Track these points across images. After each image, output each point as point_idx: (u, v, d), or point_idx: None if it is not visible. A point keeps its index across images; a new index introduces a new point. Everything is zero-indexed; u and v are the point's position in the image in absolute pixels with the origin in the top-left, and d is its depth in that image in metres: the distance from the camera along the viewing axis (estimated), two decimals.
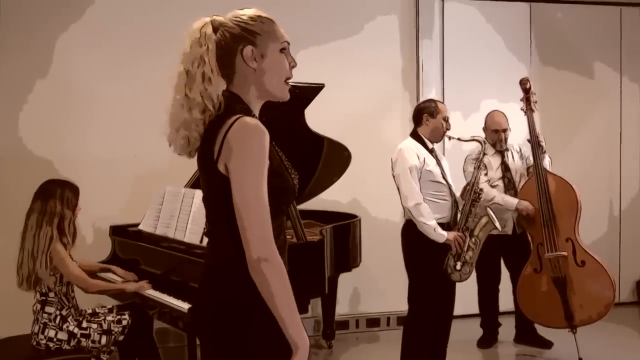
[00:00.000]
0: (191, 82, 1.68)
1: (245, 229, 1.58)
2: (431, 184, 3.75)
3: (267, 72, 1.74)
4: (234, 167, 1.60)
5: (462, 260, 3.75)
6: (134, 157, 4.71)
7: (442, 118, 3.88)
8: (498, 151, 4.56)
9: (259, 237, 1.57)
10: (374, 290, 5.29)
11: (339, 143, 4.11)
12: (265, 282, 1.57)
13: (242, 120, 1.62)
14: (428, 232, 3.68)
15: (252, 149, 1.59)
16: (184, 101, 1.69)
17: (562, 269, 4.15)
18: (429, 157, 3.80)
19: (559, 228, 4.19)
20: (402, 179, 3.73)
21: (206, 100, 1.68)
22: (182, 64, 1.72)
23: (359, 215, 4.37)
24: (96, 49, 4.67)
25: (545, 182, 4.25)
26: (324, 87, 3.67)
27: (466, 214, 3.80)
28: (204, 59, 1.68)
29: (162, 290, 3.39)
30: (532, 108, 4.36)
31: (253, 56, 1.72)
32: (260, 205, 1.58)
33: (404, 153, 3.76)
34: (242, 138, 1.60)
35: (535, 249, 4.27)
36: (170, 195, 3.78)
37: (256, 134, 1.60)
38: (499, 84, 5.45)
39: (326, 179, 4.32)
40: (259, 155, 1.59)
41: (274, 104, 1.81)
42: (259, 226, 1.57)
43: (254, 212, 1.57)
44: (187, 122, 1.69)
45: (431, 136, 3.89)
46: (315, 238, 3.61)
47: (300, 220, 3.45)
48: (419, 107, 4.00)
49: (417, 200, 3.67)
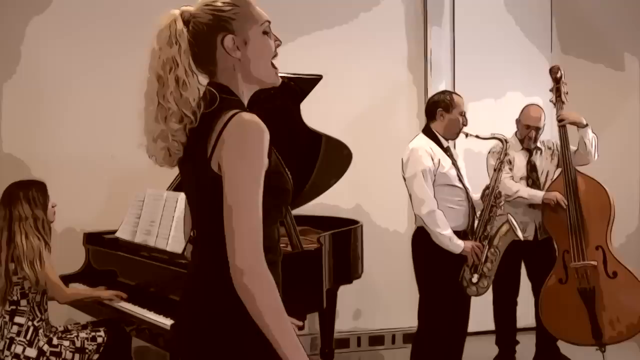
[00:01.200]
0: (164, 89, 1.65)
1: (232, 234, 1.55)
2: (446, 188, 3.75)
3: (253, 59, 1.73)
4: (228, 165, 1.58)
5: (480, 273, 3.75)
6: (111, 157, 4.70)
7: (459, 113, 3.87)
8: (525, 148, 4.54)
9: (247, 245, 1.54)
10: (377, 305, 5.29)
11: (338, 141, 4.11)
12: (252, 298, 1.54)
13: (240, 116, 1.61)
14: (443, 243, 3.69)
15: (251, 147, 1.58)
16: (158, 111, 1.66)
17: (591, 280, 4.15)
18: (444, 157, 3.80)
19: (589, 234, 4.18)
20: (414, 183, 3.72)
21: (183, 108, 1.64)
22: (151, 69, 1.68)
23: (361, 221, 4.36)
24: (69, 39, 4.67)
25: (575, 182, 4.25)
26: (321, 78, 3.66)
27: (485, 221, 3.80)
28: (176, 60, 1.64)
29: (142, 304, 3.39)
30: (563, 100, 4.36)
31: (235, 45, 1.70)
32: (253, 210, 1.56)
33: (416, 153, 3.75)
34: (240, 135, 1.58)
35: (561, 257, 4.26)
36: (151, 199, 3.78)
37: (256, 132, 1.59)
38: (517, 75, 5.46)
39: (324, 180, 4.31)
40: (258, 155, 1.58)
41: (265, 96, 1.82)
42: (248, 233, 1.55)
43: (245, 217, 1.55)
44: (164, 133, 1.67)
45: (446, 133, 3.88)
46: (311, 246, 3.60)
47: (295, 226, 3.43)
48: (432, 99, 3.99)
49: (431, 207, 3.67)
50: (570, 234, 4.20)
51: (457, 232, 3.74)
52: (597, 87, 5.69)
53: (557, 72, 4.40)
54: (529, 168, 4.51)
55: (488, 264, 3.75)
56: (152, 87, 1.67)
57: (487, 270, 3.75)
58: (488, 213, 3.80)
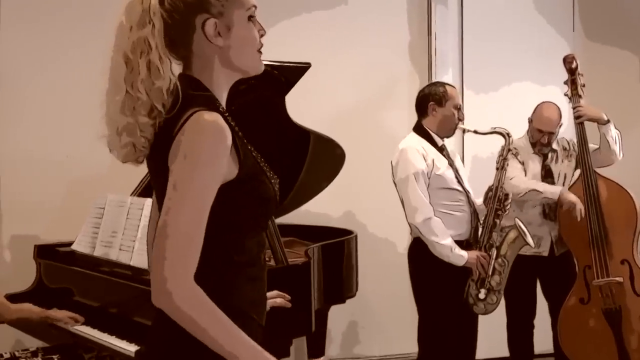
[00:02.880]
0: (133, 75, 1.63)
1: (160, 247, 1.56)
2: (443, 192, 3.77)
3: (236, 47, 1.73)
4: (172, 170, 1.59)
5: (487, 287, 3.77)
6: (66, 158, 4.69)
7: (453, 106, 3.90)
8: (539, 152, 4.51)
9: (174, 261, 1.54)
10: (374, 327, 5.30)
11: (329, 139, 4.11)
12: (189, 322, 1.55)
13: (197, 116, 1.60)
14: (443, 254, 3.70)
15: (199, 152, 1.57)
16: (125, 101, 1.64)
17: (617, 299, 4.15)
18: (439, 157, 3.83)
19: (613, 247, 4.18)
20: (406, 189, 3.74)
21: (154, 99, 1.63)
22: (117, 49, 1.65)
23: (355, 231, 4.36)
24: (21, 28, 4.66)
25: (595, 187, 4.24)
26: (309, 67, 3.66)
27: (489, 228, 3.82)
28: (149, 42, 1.62)
29: (102, 327, 3.37)
30: (579, 93, 4.34)
31: (217, 30, 1.70)
32: (189, 223, 1.56)
33: (406, 155, 3.78)
34: (190, 138, 1.58)
35: (582, 274, 4.26)
36: (113, 206, 3.77)
37: (209, 134, 1.58)
38: (534, 64, 5.48)
39: (313, 184, 4.32)
40: (208, 162, 1.58)
41: (245, 87, 1.82)
42: (178, 248, 1.55)
43: (180, 230, 1.55)
44: (130, 126, 1.65)
45: (440, 130, 3.91)
46: (298, 260, 3.60)
47: (279, 237, 3.44)
48: (422, 93, 4.03)
49: (426, 215, 3.69)
50: (591, 246, 4.19)
51: (458, 241, 3.76)
52: (625, 78, 5.72)
53: (571, 61, 4.36)
54: (544, 173, 4.49)
55: (496, 276, 3.77)
56: (118, 71, 1.65)
57: (495, 284, 3.77)
58: (493, 218, 3.82)
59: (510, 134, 4.00)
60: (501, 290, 3.80)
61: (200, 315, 1.55)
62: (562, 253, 4.47)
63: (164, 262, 1.54)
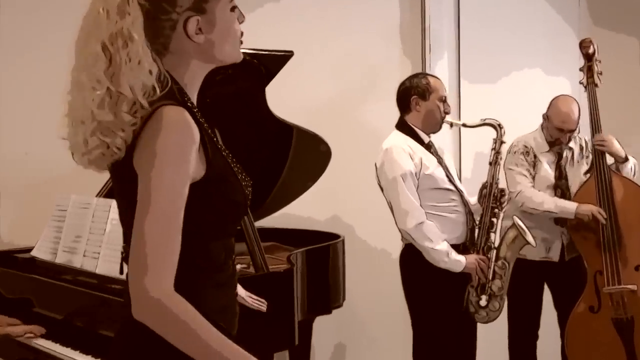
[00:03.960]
0: (114, 68, 1.64)
1: (134, 254, 1.59)
2: (434, 193, 3.80)
3: (218, 42, 1.76)
4: (139, 170, 1.62)
5: (488, 293, 3.79)
6: (25, 155, 4.67)
7: (438, 98, 3.91)
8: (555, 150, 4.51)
9: (154, 270, 1.57)
10: (363, 340, 5.30)
11: (313, 134, 4.11)
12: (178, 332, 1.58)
13: (161, 111, 1.62)
14: (439, 260, 3.73)
15: (165, 148, 1.59)
16: (105, 97, 1.64)
17: (629, 308, 4.18)
18: (427, 155, 3.85)
19: (627, 251, 4.20)
20: (394, 192, 3.76)
21: (138, 94, 1.64)
22: (92, 38, 1.66)
23: (342, 235, 4.37)
24: None
25: (609, 186, 4.25)
26: (292, 55, 3.65)
27: (486, 228, 3.84)
28: (131, 34, 1.64)
29: (65, 341, 3.36)
30: (596, 81, 4.35)
31: (198, 26, 1.72)
32: (163, 226, 1.59)
33: (392, 155, 3.80)
34: (155, 135, 1.60)
35: (592, 280, 4.27)
36: (77, 208, 3.76)
37: (174, 130, 1.61)
38: (537, 51, 5.52)
39: (296, 184, 4.33)
40: (176, 160, 1.60)
41: (222, 77, 1.83)
42: (158, 255, 1.57)
43: (153, 234, 1.58)
44: (108, 125, 1.65)
45: (425, 125, 3.93)
46: (280, 267, 3.61)
47: (259, 242, 3.45)
48: (403, 86, 4.03)
49: (417, 219, 3.71)
50: (603, 250, 4.21)
51: (454, 245, 3.78)
52: (635, 68, 5.75)
53: (588, 46, 4.37)
54: (557, 175, 4.50)
55: (497, 281, 3.80)
56: (97, 64, 1.64)
57: (496, 289, 3.79)
58: (489, 217, 3.85)
59: (502, 125, 4.01)
60: (503, 295, 3.81)
61: (187, 322, 1.57)
62: (573, 258, 4.48)
63: (144, 271, 1.56)
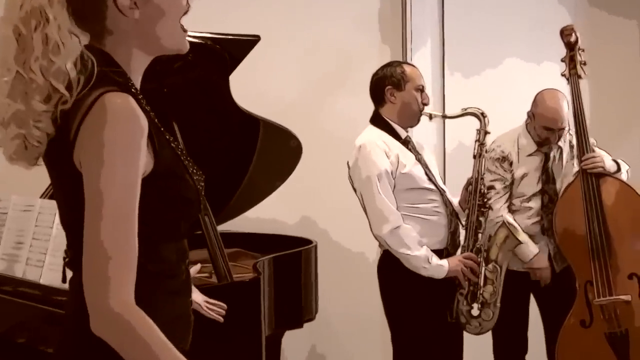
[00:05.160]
0: (26, 53, 1.63)
1: (90, 263, 1.59)
2: (412, 194, 3.80)
3: (156, 19, 1.75)
4: (84, 167, 1.61)
5: (480, 300, 3.79)
6: None
7: (415, 88, 3.91)
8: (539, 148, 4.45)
9: (111, 280, 1.57)
10: (338, 356, 5.30)
11: (282, 128, 4.12)
12: (142, 345, 1.59)
13: (105, 98, 1.61)
14: (419, 268, 3.73)
15: (114, 140, 1.59)
16: (14, 83, 1.64)
17: (623, 321, 4.13)
18: (405, 152, 3.85)
19: (618, 258, 4.14)
20: (368, 194, 3.76)
21: (53, 80, 1.63)
22: (5, 22, 1.65)
23: (315, 241, 4.38)
24: None
25: (597, 186, 4.20)
26: (258, 40, 3.66)
27: (474, 229, 3.85)
28: (45, 13, 1.61)
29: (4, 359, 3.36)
30: (579, 72, 4.30)
31: (133, 1, 1.71)
32: (120, 229, 1.59)
33: (365, 152, 3.80)
34: (100, 124, 1.59)
35: (583, 291, 4.22)
36: (18, 210, 3.73)
37: (122, 119, 1.60)
38: (528, 36, 5.54)
39: (263, 183, 4.33)
40: (125, 152, 1.60)
41: (181, 65, 1.82)
42: (112, 263, 1.58)
43: (109, 239, 1.58)
44: (21, 115, 1.65)
45: (401, 119, 3.93)
46: (245, 276, 3.62)
47: (222, 248, 3.45)
48: (376, 76, 4.02)
49: (393, 224, 3.71)
50: (592, 258, 4.15)
51: (436, 251, 3.78)
52: (636, 55, 5.79)
53: (570, 34, 4.31)
54: (544, 178, 4.45)
55: (488, 286, 3.80)
56: (8, 48, 1.64)
57: (488, 296, 3.80)
58: (476, 216, 3.86)
59: (485, 113, 4.01)
60: (497, 302, 3.81)
61: (144, 338, 1.59)
62: (564, 269, 4.44)
63: (102, 283, 1.57)
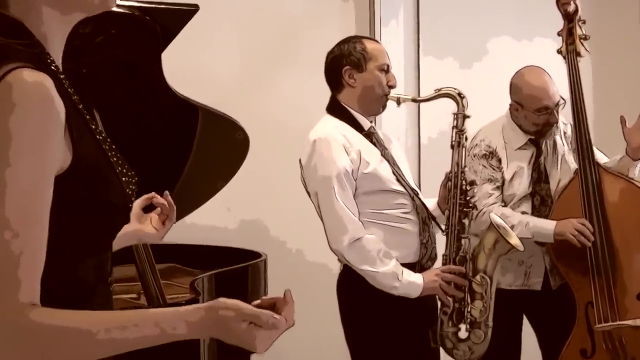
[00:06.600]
0: None
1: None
2: (377, 197, 3.80)
3: None
4: None
5: (468, 320, 3.77)
6: None
7: (377, 68, 3.88)
8: (532, 142, 4.48)
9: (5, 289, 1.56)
10: None
11: (226, 118, 4.16)
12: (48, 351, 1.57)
13: (13, 76, 1.59)
14: (388, 286, 3.72)
15: (21, 130, 1.58)
16: None
17: (629, 349, 4.18)
18: (368, 147, 3.84)
19: (624, 275, 4.20)
20: (324, 199, 3.76)
21: None
22: None
23: (265, 254, 4.40)
24: None
25: (598, 187, 4.25)
26: (197, 10, 3.68)
27: (455, 233, 3.82)
28: None
29: None
30: (578, 48, 4.33)
31: None
32: (20, 239, 1.57)
33: (321, 149, 3.79)
34: (3, 108, 1.57)
35: (583, 314, 4.29)
36: None
37: (34, 103, 1.59)
38: (516, 10, 5.68)
39: (202, 184, 4.36)
40: (33, 145, 1.58)
41: (103, 39, 1.87)
42: (7, 268, 1.55)
43: (12, 246, 1.56)
44: None
45: (363, 106, 3.91)
46: (181, 297, 3.73)
47: (153, 264, 3.49)
48: (332, 55, 4.00)
49: (353, 234, 3.70)
50: (592, 274, 4.20)
51: (407, 265, 3.78)
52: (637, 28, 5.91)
53: (568, 2, 4.33)
54: (536, 177, 4.47)
55: (477, 302, 3.78)
56: None
57: (478, 314, 3.77)
58: (457, 218, 3.85)
59: (463, 94, 3.98)
60: (488, 320, 3.78)
61: (64, 326, 1.58)
62: (561, 286, 4.48)
63: None
